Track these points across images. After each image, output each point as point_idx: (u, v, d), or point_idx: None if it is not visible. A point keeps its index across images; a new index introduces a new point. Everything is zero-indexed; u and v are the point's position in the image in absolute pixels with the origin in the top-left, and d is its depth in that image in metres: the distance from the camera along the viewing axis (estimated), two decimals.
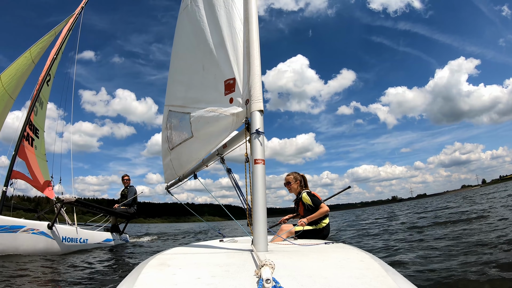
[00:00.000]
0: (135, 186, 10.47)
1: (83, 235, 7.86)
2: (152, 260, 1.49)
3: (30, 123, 8.74)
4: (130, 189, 10.29)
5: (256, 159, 1.89)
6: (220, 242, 3.11)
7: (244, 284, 1.06)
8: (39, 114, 9.42)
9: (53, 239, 6.79)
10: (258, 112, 2.00)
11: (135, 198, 10.18)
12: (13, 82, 8.61)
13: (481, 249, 3.85)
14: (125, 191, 10.27)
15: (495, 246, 3.87)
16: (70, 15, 10.70)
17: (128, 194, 10.07)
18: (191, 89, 2.96)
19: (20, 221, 6.39)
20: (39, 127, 9.42)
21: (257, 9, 2.32)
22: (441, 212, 11.33)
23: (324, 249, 1.92)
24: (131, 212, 10.08)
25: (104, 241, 8.77)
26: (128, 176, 10.58)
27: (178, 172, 3.43)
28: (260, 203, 1.82)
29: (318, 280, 1.09)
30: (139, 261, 5.25)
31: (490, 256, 3.48)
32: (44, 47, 9.61)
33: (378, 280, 1.09)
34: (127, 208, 9.94)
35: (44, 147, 9.87)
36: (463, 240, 4.66)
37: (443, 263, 3.46)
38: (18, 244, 6.14)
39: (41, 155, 9.51)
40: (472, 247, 4.05)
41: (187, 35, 3.15)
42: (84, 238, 7.88)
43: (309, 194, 4.29)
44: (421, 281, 2.90)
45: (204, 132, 2.66)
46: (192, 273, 1.23)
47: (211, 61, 2.56)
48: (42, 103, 9.57)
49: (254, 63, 2.12)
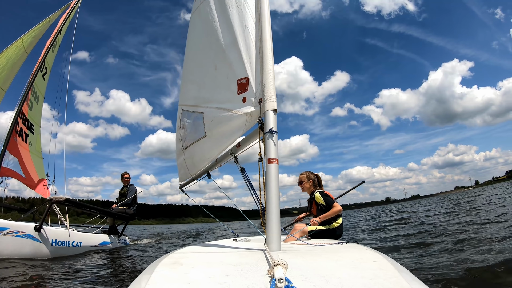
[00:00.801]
0: (134, 185, 9.69)
1: (76, 238, 7.17)
2: (165, 258, 1.51)
3: (24, 118, 8.19)
4: (130, 188, 9.51)
5: (270, 159, 1.88)
6: (233, 241, 3.12)
7: (257, 283, 1.06)
8: (34, 109, 8.88)
9: (41, 242, 6.17)
10: (271, 111, 1.99)
11: (135, 197, 9.46)
12: (3, 72, 8.10)
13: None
14: (125, 190, 9.51)
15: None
16: (67, 3, 10.15)
17: (128, 193, 9.31)
18: (203, 88, 2.98)
19: (3, 222, 5.84)
20: (34, 122, 8.90)
21: (269, 8, 2.31)
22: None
23: (337, 249, 1.90)
24: (130, 213, 9.26)
25: (101, 244, 8.11)
26: (128, 174, 9.79)
27: (192, 171, 3.46)
28: (273, 203, 1.81)
29: (331, 280, 1.08)
30: (139, 266, 5.13)
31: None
32: (37, 36, 9.12)
33: (391, 281, 1.07)
34: (126, 208, 9.14)
35: (40, 143, 9.43)
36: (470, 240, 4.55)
37: (454, 264, 3.39)
38: (1, 248, 5.59)
39: (36, 152, 9.08)
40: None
41: (199, 35, 3.17)
42: (78, 241, 7.19)
43: (322, 193, 4.25)
44: (435, 282, 2.85)
45: (217, 132, 2.67)
46: (205, 272, 1.24)
47: (224, 61, 2.57)
48: (38, 97, 9.05)
49: (267, 62, 2.11)
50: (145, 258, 6.21)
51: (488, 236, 4.75)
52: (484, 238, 4.64)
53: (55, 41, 9.50)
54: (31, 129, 8.73)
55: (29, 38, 8.81)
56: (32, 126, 8.80)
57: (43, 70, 9.10)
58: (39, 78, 8.95)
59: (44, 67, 9.18)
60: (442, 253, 4.16)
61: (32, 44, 9.03)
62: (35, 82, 8.69)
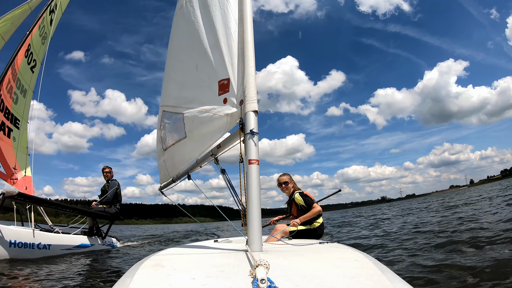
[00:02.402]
0: (117, 180, 8.68)
1: (43, 240, 6.47)
2: (147, 261, 1.48)
3: (7, 112, 7.69)
4: (110, 183, 8.48)
5: (250, 160, 1.89)
6: (215, 242, 3.10)
7: (239, 284, 1.06)
8: (20, 102, 8.36)
9: None
10: (252, 112, 2.00)
11: (117, 195, 8.48)
12: None
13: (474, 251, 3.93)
14: (106, 186, 8.54)
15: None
16: None
17: (109, 190, 8.33)
18: (185, 89, 2.95)
19: None
20: (19, 116, 8.37)
21: (252, 10, 2.32)
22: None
23: (318, 249, 1.93)
24: (112, 212, 8.31)
25: (78, 246, 7.39)
26: (109, 168, 8.76)
27: (172, 173, 3.41)
28: (254, 204, 1.82)
29: (313, 280, 1.09)
30: (116, 270, 4.86)
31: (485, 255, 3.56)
32: (15, 23, 8.42)
33: (373, 280, 1.10)
34: (107, 207, 8.24)
35: (27, 139, 8.86)
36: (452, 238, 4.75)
37: (434, 261, 3.52)
38: None
39: (22, 148, 8.52)
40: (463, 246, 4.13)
41: (182, 35, 3.14)
42: (45, 243, 6.49)
43: (302, 194, 4.31)
44: (417, 280, 2.94)
45: (198, 133, 2.64)
46: (187, 274, 1.23)
47: (206, 61, 2.55)
48: (25, 91, 8.55)
49: (248, 64, 2.12)
50: (129, 261, 5.78)
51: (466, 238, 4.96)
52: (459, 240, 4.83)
53: (45, 32, 8.97)
54: (15, 124, 8.24)
55: (5, 24, 8.16)
56: (17, 120, 8.30)
57: (30, 62, 8.55)
58: (26, 70, 8.42)
59: (33, 60, 8.65)
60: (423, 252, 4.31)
61: (10, 31, 8.39)
62: (21, 74, 8.17)
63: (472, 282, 2.71)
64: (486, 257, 3.40)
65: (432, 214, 10.95)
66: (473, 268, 3.04)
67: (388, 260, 3.91)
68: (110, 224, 8.87)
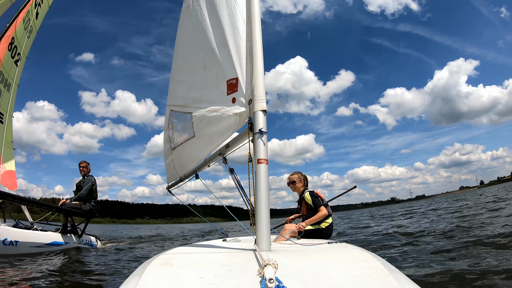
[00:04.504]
0: (93, 176, 8.24)
1: (9, 235, 6.08)
2: (155, 259, 1.49)
3: None
4: (86, 179, 8.01)
5: (259, 159, 1.89)
6: (223, 241, 3.11)
7: (247, 283, 1.06)
8: (4, 96, 8.17)
9: None
10: (261, 112, 2.00)
11: (92, 191, 8.03)
12: None
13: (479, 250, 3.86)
14: (81, 182, 8.08)
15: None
16: None
17: (84, 186, 7.88)
18: (192, 89, 2.96)
19: None
20: (3, 111, 8.22)
21: (260, 9, 2.32)
22: None
23: (327, 249, 1.92)
24: (86, 209, 7.83)
25: (50, 244, 6.92)
26: (86, 162, 8.30)
27: (180, 172, 3.43)
28: (263, 203, 1.82)
29: (321, 280, 1.09)
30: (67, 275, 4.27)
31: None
32: None
33: (381, 280, 1.09)
34: (81, 204, 7.75)
35: (12, 133, 8.71)
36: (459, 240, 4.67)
37: (446, 264, 3.46)
38: None
39: (7, 143, 8.33)
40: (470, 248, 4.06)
41: (188, 35, 3.15)
42: (12, 239, 6.08)
43: (312, 194, 4.30)
44: (426, 282, 2.90)
45: (206, 132, 2.65)
46: (195, 273, 1.23)
47: (213, 61, 2.56)
48: (9, 84, 8.37)
49: (257, 63, 2.12)
50: (101, 264, 5.24)
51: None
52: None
53: (31, 26, 8.82)
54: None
55: None
56: (1, 115, 8.18)
57: (15, 56, 8.40)
58: (9, 64, 8.26)
59: (18, 53, 8.50)
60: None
61: None
62: (3, 67, 8.01)
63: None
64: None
65: (440, 216, 10.79)
66: (487, 272, 2.99)
67: (397, 261, 3.87)
68: (87, 221, 8.45)
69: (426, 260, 3.72)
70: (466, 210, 10.46)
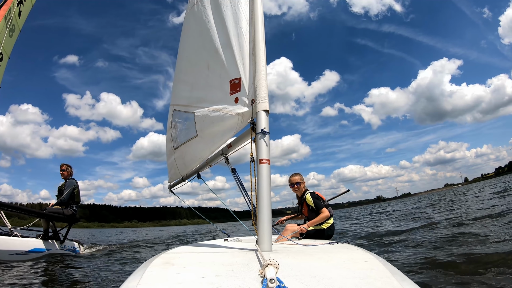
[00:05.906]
0: (75, 180, 7.83)
1: None
2: (157, 259, 1.50)
3: None
4: (67, 182, 7.59)
5: (261, 159, 1.89)
6: (225, 241, 3.11)
7: (249, 283, 1.06)
8: None
9: None
10: (263, 112, 2.01)
11: (74, 195, 7.61)
12: None
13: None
14: (63, 186, 7.68)
15: None
16: None
17: (65, 190, 7.46)
18: (196, 88, 2.96)
19: None
20: None
21: (263, 9, 2.33)
22: None
23: (328, 249, 1.92)
24: (68, 214, 7.40)
25: (31, 251, 6.53)
26: (66, 165, 7.87)
27: (182, 171, 3.44)
28: (265, 203, 1.82)
29: (322, 280, 1.09)
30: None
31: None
32: None
33: (383, 281, 1.09)
34: (63, 208, 7.34)
35: None
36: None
37: (447, 264, 3.45)
38: None
39: None
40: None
41: (192, 35, 3.16)
42: None
43: (313, 195, 4.29)
44: (427, 282, 2.89)
45: (209, 132, 2.66)
46: (196, 272, 1.24)
47: (217, 61, 2.56)
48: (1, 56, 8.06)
49: (260, 63, 2.13)
50: (86, 272, 4.97)
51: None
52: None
53: (13, 24, 8.52)
54: None
55: None
56: None
57: (11, 26, 8.18)
58: (6, 36, 7.99)
59: (12, 24, 8.27)
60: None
61: None
62: None
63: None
64: None
65: (438, 212, 10.75)
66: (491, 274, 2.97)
67: (398, 262, 3.86)
68: (69, 227, 7.93)
69: (426, 261, 3.71)
70: (464, 216, 10.34)
